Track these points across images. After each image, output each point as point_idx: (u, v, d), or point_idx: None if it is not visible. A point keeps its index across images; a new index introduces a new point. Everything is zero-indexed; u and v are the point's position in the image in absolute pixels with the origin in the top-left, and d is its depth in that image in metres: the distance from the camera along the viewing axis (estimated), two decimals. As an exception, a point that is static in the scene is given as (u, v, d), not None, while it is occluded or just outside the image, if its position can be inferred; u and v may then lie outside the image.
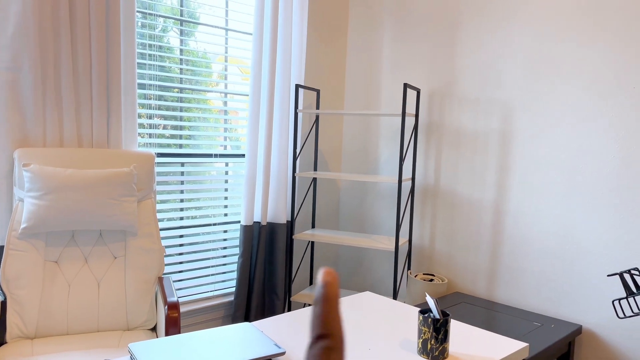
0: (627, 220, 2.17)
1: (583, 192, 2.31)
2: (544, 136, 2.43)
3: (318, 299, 0.27)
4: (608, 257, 2.23)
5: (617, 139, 2.20)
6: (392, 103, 3.11)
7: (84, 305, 1.95)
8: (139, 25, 2.43)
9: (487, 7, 2.63)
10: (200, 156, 2.72)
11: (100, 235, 2.04)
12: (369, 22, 3.22)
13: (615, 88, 2.19)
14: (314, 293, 2.96)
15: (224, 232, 2.87)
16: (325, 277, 0.28)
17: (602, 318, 2.26)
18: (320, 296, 0.27)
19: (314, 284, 3.30)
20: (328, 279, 0.28)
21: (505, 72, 2.57)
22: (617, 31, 2.18)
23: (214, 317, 2.82)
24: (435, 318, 1.20)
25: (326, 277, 0.28)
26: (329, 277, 0.28)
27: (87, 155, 2.05)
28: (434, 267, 2.92)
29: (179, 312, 1.81)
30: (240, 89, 2.88)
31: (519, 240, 2.54)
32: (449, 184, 2.83)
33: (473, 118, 2.70)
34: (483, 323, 2.27)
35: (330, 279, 0.27)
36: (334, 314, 0.26)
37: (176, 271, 2.68)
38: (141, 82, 2.46)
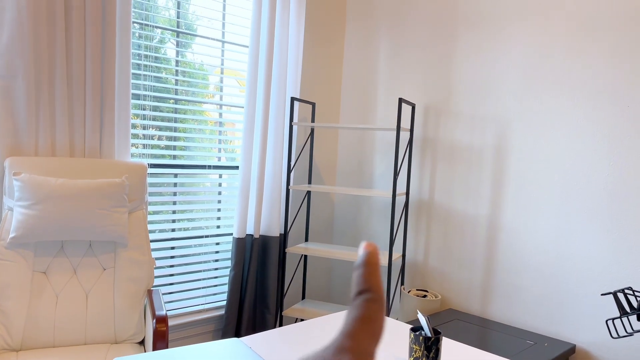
0: (621, 239, 2.17)
1: (577, 209, 2.30)
2: (537, 152, 2.44)
3: (360, 262, 0.30)
4: (602, 276, 2.22)
5: (611, 156, 2.20)
6: (387, 117, 3.12)
7: (72, 317, 1.91)
8: (135, 36, 2.43)
9: (482, 23, 2.64)
10: (194, 167, 2.71)
11: (90, 246, 2.01)
12: (365, 36, 3.24)
13: (609, 106, 2.20)
14: (305, 307, 2.93)
15: (216, 245, 2.84)
16: (367, 247, 0.30)
17: (595, 337, 2.24)
18: (363, 260, 0.30)
19: (306, 298, 3.27)
20: (370, 248, 0.30)
21: (499, 88, 2.58)
22: (611, 49, 2.20)
23: (204, 331, 2.78)
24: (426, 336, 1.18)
25: (368, 247, 0.30)
26: (370, 247, 0.30)
27: (78, 164, 2.04)
28: (427, 282, 2.90)
29: (167, 326, 1.78)
30: (235, 101, 2.88)
31: (513, 257, 2.53)
32: (443, 199, 2.82)
33: (467, 133, 2.71)
34: (476, 341, 2.25)
35: (372, 249, 0.30)
36: (375, 274, 0.29)
37: (166, 283, 2.65)
38: (136, 92, 2.45)
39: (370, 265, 0.29)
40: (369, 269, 0.29)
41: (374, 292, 0.28)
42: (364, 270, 0.29)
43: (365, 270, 0.29)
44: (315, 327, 1.47)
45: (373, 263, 0.30)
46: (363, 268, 0.29)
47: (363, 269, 0.29)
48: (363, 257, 0.30)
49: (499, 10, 2.57)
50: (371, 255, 0.30)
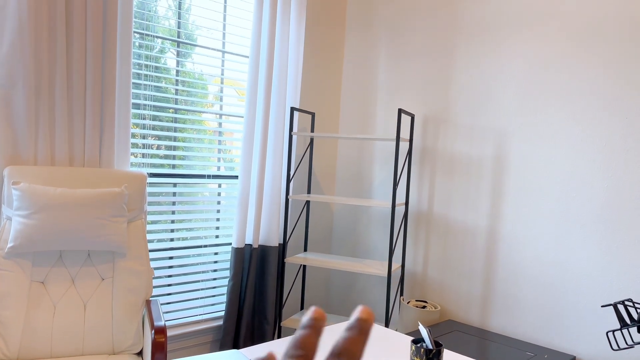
0: (620, 250, 2.17)
1: (576, 220, 2.30)
2: (536, 163, 2.44)
3: (353, 326, 0.29)
4: (602, 287, 2.22)
5: (609, 167, 2.21)
6: (387, 128, 3.12)
7: (69, 328, 1.90)
8: (136, 46, 2.44)
9: (480, 35, 2.66)
10: (193, 177, 2.70)
11: (89, 255, 2.00)
12: (364, 46, 3.25)
13: (607, 117, 2.21)
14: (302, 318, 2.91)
15: (214, 254, 2.83)
16: (365, 314, 0.30)
17: (595, 349, 2.23)
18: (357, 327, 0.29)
19: (304, 308, 3.25)
20: (365, 315, 0.30)
21: (498, 99, 2.59)
22: (608, 61, 2.21)
23: (202, 341, 2.76)
24: (428, 348, 1.18)
25: (365, 314, 0.30)
26: (368, 315, 0.30)
27: (78, 174, 2.03)
28: (427, 293, 2.89)
29: (166, 337, 1.76)
30: (235, 111, 2.88)
31: (512, 268, 2.52)
32: (442, 210, 2.82)
33: (467, 144, 2.71)
34: (476, 352, 2.24)
35: (370, 317, 0.30)
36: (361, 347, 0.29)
37: (165, 293, 2.63)
38: (136, 101, 2.45)
39: (364, 334, 0.29)
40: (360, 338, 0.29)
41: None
42: (355, 338, 0.29)
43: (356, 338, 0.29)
44: (316, 338, 1.46)
45: (367, 333, 0.29)
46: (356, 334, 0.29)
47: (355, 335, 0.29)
48: (360, 323, 0.29)
49: (498, 22, 2.59)
50: (368, 324, 0.29)
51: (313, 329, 0.29)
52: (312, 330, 0.29)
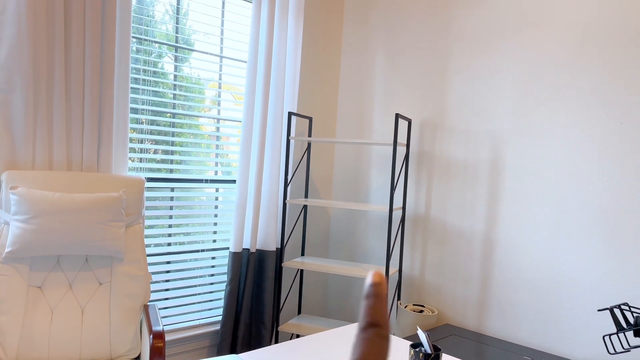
0: (617, 255, 2.18)
1: (571, 224, 2.32)
2: (533, 168, 2.46)
3: (370, 293, 0.30)
4: (598, 291, 2.23)
5: (605, 172, 2.22)
6: (384, 132, 3.14)
7: (67, 332, 1.89)
8: (134, 51, 2.45)
9: (475, 39, 2.68)
10: (191, 181, 2.70)
11: (86, 260, 2.00)
12: (361, 52, 3.27)
13: (603, 122, 2.23)
14: (301, 322, 2.91)
15: (212, 259, 2.83)
16: (376, 277, 0.31)
17: (592, 353, 2.24)
18: (372, 291, 0.30)
19: (302, 313, 3.26)
20: (378, 279, 0.31)
21: (493, 103, 2.60)
22: (604, 65, 2.23)
23: (200, 346, 2.76)
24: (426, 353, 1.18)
25: (376, 277, 0.31)
26: (379, 277, 0.31)
27: (76, 178, 2.03)
28: (424, 297, 2.90)
29: (164, 342, 1.76)
30: (233, 115, 2.89)
31: (509, 272, 2.53)
32: (439, 214, 2.83)
33: (463, 149, 2.73)
34: (473, 356, 2.24)
35: (381, 280, 0.31)
36: (384, 309, 0.30)
37: (162, 298, 2.63)
38: (134, 106, 2.46)
39: (380, 297, 0.30)
40: (379, 302, 0.30)
41: (383, 328, 0.30)
42: (374, 302, 0.30)
43: (375, 303, 0.30)
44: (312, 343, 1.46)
45: (382, 295, 0.30)
46: (373, 299, 0.30)
47: (373, 301, 0.30)
48: (372, 287, 0.30)
49: (492, 27, 2.61)
50: (381, 286, 0.31)
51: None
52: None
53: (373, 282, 0.31)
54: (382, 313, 0.30)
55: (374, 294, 0.30)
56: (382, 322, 0.30)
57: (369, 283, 0.31)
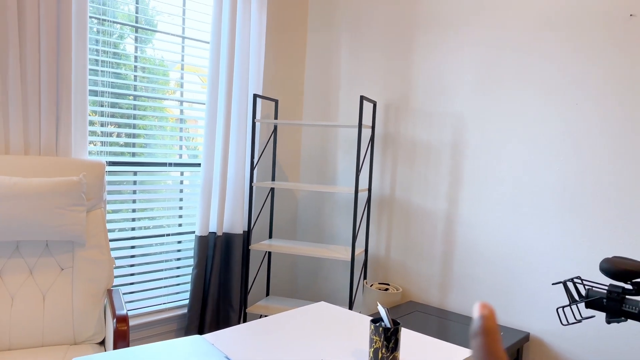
0: (570, 231, 2.27)
1: (529, 204, 2.40)
2: (492, 149, 2.52)
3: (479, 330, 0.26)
4: (553, 266, 2.32)
5: (561, 152, 2.30)
6: (350, 115, 3.15)
7: (28, 319, 1.86)
8: (94, 31, 2.38)
9: (437, 22, 2.71)
10: (155, 165, 2.67)
11: (47, 246, 1.96)
12: (327, 33, 3.26)
13: (560, 103, 2.30)
14: (269, 304, 2.94)
15: (177, 243, 2.81)
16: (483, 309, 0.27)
17: (548, 325, 2.34)
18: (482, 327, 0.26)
19: (270, 295, 3.28)
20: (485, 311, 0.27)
21: (457, 86, 2.65)
22: (561, 49, 2.29)
23: (167, 330, 2.76)
24: (386, 327, 1.22)
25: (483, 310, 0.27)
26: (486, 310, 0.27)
27: (34, 163, 1.98)
28: (389, 276, 2.96)
29: (128, 325, 1.76)
30: (197, 97, 2.85)
31: (469, 249, 2.61)
32: (404, 195, 2.88)
33: (426, 130, 2.77)
34: (435, 331, 2.31)
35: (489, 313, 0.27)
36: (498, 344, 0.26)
37: (127, 283, 2.61)
38: (94, 88, 2.40)
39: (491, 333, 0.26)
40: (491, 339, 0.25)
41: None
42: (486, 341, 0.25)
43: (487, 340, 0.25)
44: (279, 321, 1.49)
45: (494, 331, 0.26)
46: (484, 337, 0.26)
47: (484, 339, 0.25)
48: (481, 322, 0.26)
49: (454, 10, 2.64)
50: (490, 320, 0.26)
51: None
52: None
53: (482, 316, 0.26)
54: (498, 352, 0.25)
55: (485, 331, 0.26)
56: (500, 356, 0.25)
57: (477, 317, 0.26)
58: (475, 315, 0.27)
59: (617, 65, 2.14)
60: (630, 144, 2.11)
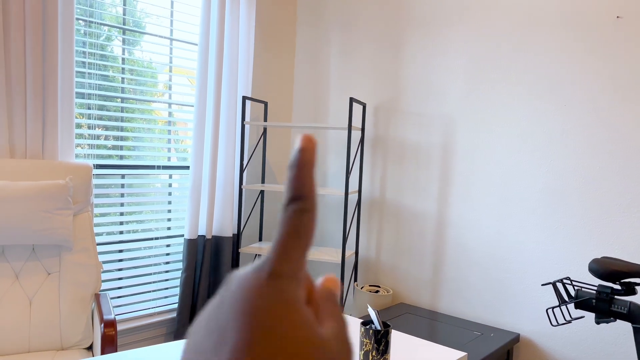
0: (559, 232, 2.28)
1: (517, 206, 2.41)
2: (481, 151, 2.53)
3: (294, 163, 0.26)
4: (542, 268, 2.33)
5: (549, 153, 2.31)
6: (339, 117, 3.15)
7: (14, 324, 1.83)
8: (80, 33, 2.36)
9: (428, 24, 2.71)
10: (143, 168, 2.65)
11: (33, 250, 1.94)
12: (316, 36, 3.26)
13: (548, 104, 2.31)
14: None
15: (166, 247, 2.79)
16: (304, 142, 0.26)
17: (538, 326, 2.35)
18: (296, 160, 0.25)
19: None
20: (306, 144, 0.26)
21: (446, 88, 2.66)
22: (549, 49, 2.31)
23: (156, 334, 2.73)
24: (376, 329, 1.21)
25: (304, 142, 0.26)
26: (307, 143, 0.26)
27: (19, 166, 1.95)
28: (380, 278, 2.96)
29: (116, 330, 1.74)
30: (185, 100, 2.83)
31: (459, 251, 2.61)
32: (394, 197, 2.88)
33: (416, 132, 2.78)
34: (425, 333, 2.31)
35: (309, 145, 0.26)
36: (308, 178, 0.25)
37: (115, 287, 2.58)
38: (81, 91, 2.37)
39: (306, 165, 0.26)
40: (304, 171, 0.25)
41: (308, 200, 0.25)
42: (298, 173, 0.25)
43: (299, 173, 0.25)
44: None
45: (308, 163, 0.26)
46: (297, 170, 0.25)
47: (297, 171, 0.25)
48: (298, 154, 0.26)
49: (442, 11, 2.65)
50: (308, 152, 0.26)
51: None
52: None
53: (300, 148, 0.26)
54: (307, 184, 0.25)
55: (299, 163, 0.25)
56: (307, 194, 0.25)
57: (296, 149, 0.26)
58: (297, 145, 0.26)
59: (605, 67, 2.16)
60: (618, 144, 2.13)
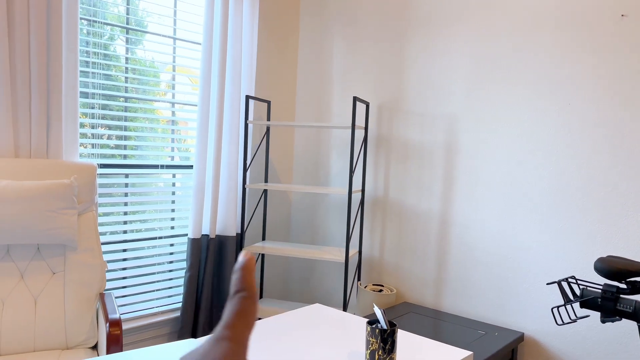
0: (563, 231, 2.28)
1: (522, 203, 2.40)
2: (485, 150, 2.52)
3: (238, 267, 0.35)
4: (546, 267, 2.33)
5: (553, 152, 2.31)
6: (342, 116, 3.15)
7: (19, 324, 1.84)
8: (84, 33, 2.36)
9: (429, 23, 2.71)
10: (146, 167, 2.65)
11: (38, 249, 1.94)
12: (319, 34, 3.26)
13: (552, 103, 2.31)
14: (262, 306, 2.92)
15: (170, 246, 2.79)
16: (245, 255, 0.35)
17: (542, 325, 2.35)
18: (240, 265, 0.35)
19: (263, 297, 3.26)
20: (247, 256, 0.35)
21: (449, 87, 2.65)
22: (553, 48, 2.30)
23: (160, 333, 2.73)
24: (382, 328, 1.21)
25: (245, 255, 0.35)
26: (247, 255, 0.35)
27: (24, 165, 1.96)
28: (383, 277, 2.96)
29: (121, 329, 1.74)
30: (188, 99, 2.83)
31: (463, 250, 2.61)
32: (397, 196, 2.88)
33: (419, 131, 2.77)
34: (430, 332, 2.31)
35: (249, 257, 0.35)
36: (249, 277, 0.34)
37: (119, 287, 2.58)
38: (85, 90, 2.37)
39: (246, 269, 0.34)
40: (245, 273, 0.34)
41: (248, 291, 0.34)
42: (240, 274, 0.34)
43: (241, 274, 0.34)
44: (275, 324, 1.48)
45: (248, 268, 0.34)
46: (240, 272, 0.34)
47: (240, 273, 0.34)
48: (241, 262, 0.35)
49: (446, 10, 2.65)
50: (247, 261, 0.35)
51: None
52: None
53: (243, 259, 0.35)
54: (248, 281, 0.34)
55: (241, 267, 0.34)
56: (248, 287, 0.34)
57: (239, 261, 0.35)
58: (240, 258, 0.35)
59: (609, 66, 2.15)
60: (623, 143, 2.12)
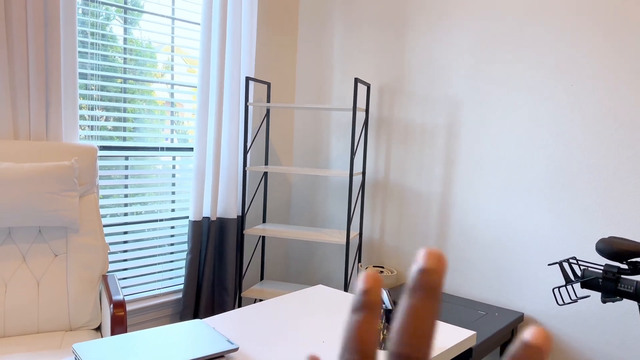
0: (563, 212, 2.28)
1: (522, 185, 2.40)
2: (486, 132, 2.51)
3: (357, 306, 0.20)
4: (548, 247, 2.34)
5: (554, 133, 2.30)
6: (343, 97, 3.13)
7: (23, 306, 1.84)
8: (80, 13, 2.32)
9: (434, 4, 2.68)
10: (146, 149, 2.63)
11: (40, 232, 1.93)
12: (319, 15, 3.22)
13: (554, 85, 2.29)
14: (264, 288, 2.94)
15: (171, 228, 2.79)
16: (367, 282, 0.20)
17: (542, 306, 2.37)
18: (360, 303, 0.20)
19: (264, 279, 3.28)
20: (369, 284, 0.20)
21: (451, 69, 2.63)
22: (556, 30, 2.28)
23: (162, 315, 2.75)
24: (387, 309, 1.21)
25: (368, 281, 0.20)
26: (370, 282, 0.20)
27: (24, 148, 1.94)
28: (384, 259, 2.97)
29: (126, 311, 1.74)
30: (187, 80, 2.81)
31: (464, 231, 2.62)
32: (398, 178, 2.87)
33: (420, 113, 2.76)
34: (431, 313, 2.32)
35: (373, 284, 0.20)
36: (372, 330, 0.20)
37: (121, 269, 2.59)
38: (82, 71, 2.35)
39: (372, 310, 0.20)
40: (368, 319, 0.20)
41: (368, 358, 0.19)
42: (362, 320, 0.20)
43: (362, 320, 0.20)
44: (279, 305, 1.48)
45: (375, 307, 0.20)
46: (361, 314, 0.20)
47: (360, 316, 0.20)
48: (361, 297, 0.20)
49: (451, -9, 2.61)
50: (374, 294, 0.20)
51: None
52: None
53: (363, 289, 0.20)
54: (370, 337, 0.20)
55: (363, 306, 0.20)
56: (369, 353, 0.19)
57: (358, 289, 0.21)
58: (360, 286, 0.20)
59: (614, 45, 2.13)
60: (624, 125, 2.12)
